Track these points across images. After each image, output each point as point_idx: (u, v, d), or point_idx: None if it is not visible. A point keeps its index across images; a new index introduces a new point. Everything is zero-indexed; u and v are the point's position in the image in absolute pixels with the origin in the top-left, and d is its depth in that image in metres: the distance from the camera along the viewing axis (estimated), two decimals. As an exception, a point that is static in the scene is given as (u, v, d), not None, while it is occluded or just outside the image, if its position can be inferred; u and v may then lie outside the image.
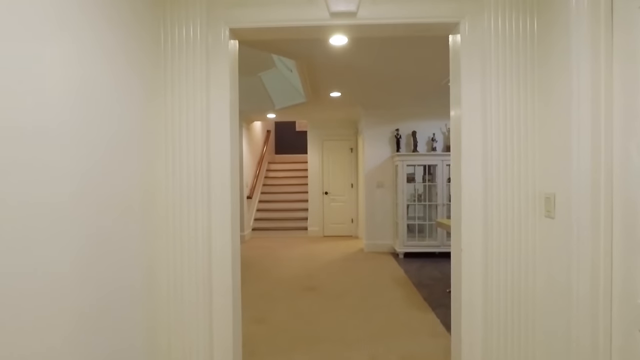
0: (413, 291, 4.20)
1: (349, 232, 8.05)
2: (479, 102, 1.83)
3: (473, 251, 1.87)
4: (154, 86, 1.77)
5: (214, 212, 1.87)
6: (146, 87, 1.69)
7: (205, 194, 1.82)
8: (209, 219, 1.85)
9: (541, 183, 1.76)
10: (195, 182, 1.81)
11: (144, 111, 1.68)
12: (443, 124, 6.29)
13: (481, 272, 1.86)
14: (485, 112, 1.81)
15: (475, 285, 1.86)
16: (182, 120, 1.82)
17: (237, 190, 1.97)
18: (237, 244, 1.99)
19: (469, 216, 1.87)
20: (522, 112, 1.77)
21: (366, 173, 6.46)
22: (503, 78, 1.78)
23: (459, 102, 1.89)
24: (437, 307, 3.70)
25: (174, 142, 1.82)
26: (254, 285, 4.48)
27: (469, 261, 1.88)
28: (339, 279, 4.74)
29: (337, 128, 8.05)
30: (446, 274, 4.87)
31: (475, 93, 1.84)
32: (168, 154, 1.82)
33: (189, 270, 1.82)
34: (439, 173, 5.88)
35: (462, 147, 1.87)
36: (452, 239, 2.03)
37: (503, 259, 1.80)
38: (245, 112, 7.02)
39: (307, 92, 5.30)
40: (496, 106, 1.79)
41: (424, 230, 6.19)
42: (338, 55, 3.84)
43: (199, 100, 1.82)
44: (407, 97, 5.69)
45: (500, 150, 1.79)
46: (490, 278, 1.82)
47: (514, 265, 1.80)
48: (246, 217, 7.61)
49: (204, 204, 1.82)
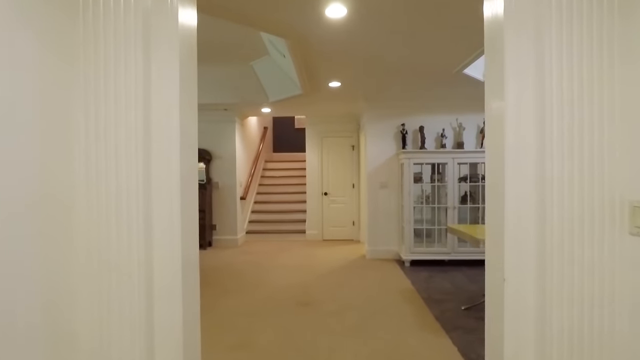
0: (422, 308, 3.65)
1: (350, 235, 7.50)
2: (531, 83, 1.28)
3: (521, 283, 1.32)
4: (65, 52, 1.23)
5: (157, 229, 1.32)
6: (49, 49, 1.15)
7: (141, 207, 1.28)
8: (149, 238, 1.31)
9: (625, 187, 1.21)
10: (128, 185, 1.27)
11: (43, 80, 1.14)
12: (454, 119, 5.73)
13: (534, 314, 1.31)
14: (542, 97, 1.27)
15: (525, 332, 1.32)
16: (110, 100, 1.27)
17: (191, 203, 1.43)
18: (193, 270, 1.45)
19: (515, 234, 1.32)
20: (597, 91, 1.22)
21: (369, 172, 5.91)
22: (568, 49, 1.23)
23: (500, 86, 1.34)
24: (452, 329, 3.15)
25: (98, 127, 1.28)
26: (241, 299, 3.94)
27: (514, 297, 1.33)
28: (338, 291, 4.19)
29: (338, 123, 7.50)
30: (459, 287, 4.32)
31: (525, 72, 1.29)
32: (90, 144, 1.28)
33: (119, 306, 1.28)
34: (449, 172, 5.32)
35: (505, 143, 1.31)
36: (487, 263, 1.49)
37: (567, 295, 1.26)
38: (238, 106, 6.47)
39: (303, 82, 4.75)
40: (558, 87, 1.24)
41: (432, 235, 5.64)
42: (336, 36, 3.29)
43: (133, 78, 1.28)
44: (414, 88, 5.13)
45: (565, 144, 1.24)
46: (548, 322, 1.27)
47: (584, 302, 1.25)
48: (239, 219, 7.07)
49: (140, 218, 1.28)
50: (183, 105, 1.37)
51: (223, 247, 6.76)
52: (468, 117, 5.71)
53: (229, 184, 6.92)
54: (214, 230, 6.90)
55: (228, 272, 5.07)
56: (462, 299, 3.90)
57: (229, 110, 6.68)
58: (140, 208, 1.28)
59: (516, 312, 1.33)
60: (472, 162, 5.44)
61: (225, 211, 6.91)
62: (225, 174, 6.93)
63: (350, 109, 6.72)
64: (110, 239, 1.28)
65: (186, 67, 1.40)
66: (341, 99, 5.88)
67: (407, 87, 5.08)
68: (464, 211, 5.46)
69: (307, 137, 7.61)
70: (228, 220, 6.92)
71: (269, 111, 6.95)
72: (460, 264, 5.34)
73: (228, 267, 5.35)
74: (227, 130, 6.89)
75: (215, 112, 6.71)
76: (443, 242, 5.45)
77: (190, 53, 1.45)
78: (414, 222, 5.40)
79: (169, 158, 1.33)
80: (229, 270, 5.17)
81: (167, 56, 1.32)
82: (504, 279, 1.35)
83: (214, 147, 6.89)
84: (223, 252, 6.36)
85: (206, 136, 6.86)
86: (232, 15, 2.96)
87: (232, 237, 6.92)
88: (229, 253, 6.32)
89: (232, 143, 6.91)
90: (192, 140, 1.47)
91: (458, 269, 5.11)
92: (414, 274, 4.94)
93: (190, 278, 1.42)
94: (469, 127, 5.70)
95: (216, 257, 6.01)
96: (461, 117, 5.71)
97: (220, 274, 4.98)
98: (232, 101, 5.98)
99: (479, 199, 5.42)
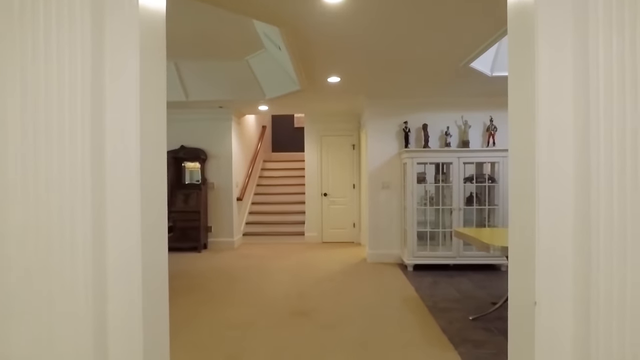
0: (427, 318, 3.39)
1: (350, 238, 7.24)
2: (570, 70, 1.03)
3: (559, 308, 1.07)
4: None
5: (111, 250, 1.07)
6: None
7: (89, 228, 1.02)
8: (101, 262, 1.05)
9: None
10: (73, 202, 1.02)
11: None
12: (459, 116, 5.46)
13: (574, 347, 1.05)
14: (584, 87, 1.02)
15: (563, 369, 1.06)
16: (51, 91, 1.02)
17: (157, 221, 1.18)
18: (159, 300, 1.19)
19: (549, 247, 1.07)
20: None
21: (370, 172, 5.65)
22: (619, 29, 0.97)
23: (530, 76, 1.09)
24: (460, 342, 2.89)
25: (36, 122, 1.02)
26: (232, 309, 3.69)
27: (548, 324, 1.07)
28: (337, 299, 3.94)
29: (338, 122, 7.24)
30: (465, 294, 4.06)
31: (563, 57, 1.04)
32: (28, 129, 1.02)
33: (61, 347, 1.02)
34: (454, 172, 5.06)
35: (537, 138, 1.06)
36: (512, 281, 1.23)
37: (617, 325, 1.00)
38: (234, 103, 6.23)
39: (300, 76, 4.50)
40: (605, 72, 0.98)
41: (436, 238, 5.37)
42: (333, 25, 3.04)
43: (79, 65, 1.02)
44: (418, 83, 4.87)
45: (614, 138, 0.99)
46: (594, 358, 1.01)
47: (638, 333, 0.99)
48: (236, 221, 6.82)
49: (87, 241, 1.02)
50: (145, 99, 1.11)
51: (218, 250, 6.51)
52: (474, 115, 5.45)
53: (225, 184, 6.68)
54: (209, 232, 6.66)
55: (221, 278, 4.82)
56: (469, 307, 3.64)
57: (225, 107, 6.43)
58: (88, 229, 1.02)
59: (551, 344, 1.07)
60: (478, 162, 5.18)
61: (221, 212, 6.66)
62: (221, 174, 6.68)
63: (351, 106, 6.47)
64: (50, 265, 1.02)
65: (150, 55, 1.15)
66: (341, 96, 5.63)
67: (410, 82, 4.82)
68: (470, 213, 5.19)
69: (306, 135, 7.36)
70: (224, 222, 6.67)
71: (267, 109, 6.70)
72: (466, 268, 5.08)
73: (222, 272, 5.10)
74: (222, 129, 6.65)
75: (210, 110, 6.47)
76: (448, 246, 5.19)
77: (155, 40, 1.20)
78: (417, 224, 5.14)
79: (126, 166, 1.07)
80: (223, 276, 4.92)
81: (123, 42, 1.06)
82: (534, 302, 1.10)
83: (209, 146, 6.64)
84: (218, 256, 6.11)
85: (201, 135, 6.62)
86: (221, 1, 2.71)
87: (228, 239, 6.67)
88: (224, 256, 6.07)
89: (229, 142, 6.66)
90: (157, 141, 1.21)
91: (464, 274, 4.85)
92: (417, 279, 4.68)
93: (157, 311, 1.17)
94: (474, 124, 5.44)
95: (210, 261, 5.76)
96: (467, 114, 5.45)
97: (213, 280, 4.73)
98: (227, 98, 5.73)
99: (485, 200, 5.16)
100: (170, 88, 5.55)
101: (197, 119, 6.57)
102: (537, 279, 1.08)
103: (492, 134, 5.31)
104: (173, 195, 6.48)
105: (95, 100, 1.04)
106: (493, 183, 5.12)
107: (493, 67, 4.37)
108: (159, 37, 1.23)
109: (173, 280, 4.71)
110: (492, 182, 5.12)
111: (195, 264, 5.58)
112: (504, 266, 5.07)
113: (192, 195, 6.49)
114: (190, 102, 5.87)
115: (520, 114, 1.17)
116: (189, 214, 6.36)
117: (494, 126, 5.31)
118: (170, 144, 6.61)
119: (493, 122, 5.32)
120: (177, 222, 6.19)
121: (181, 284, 4.56)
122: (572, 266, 1.06)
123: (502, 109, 5.40)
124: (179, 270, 5.20)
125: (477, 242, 3.16)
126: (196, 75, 5.46)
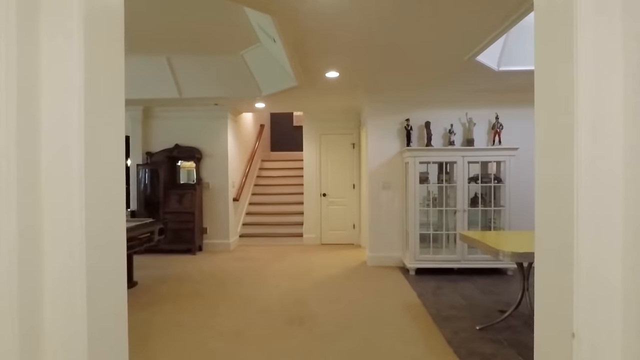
0: (431, 328, 3.17)
1: (350, 239, 7.03)
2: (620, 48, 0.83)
3: (604, 344, 0.86)
4: None
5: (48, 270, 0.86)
6: None
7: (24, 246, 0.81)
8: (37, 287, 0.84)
9: None
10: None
11: None
12: (463, 113, 5.24)
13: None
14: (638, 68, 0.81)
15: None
16: None
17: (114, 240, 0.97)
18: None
19: (592, 265, 0.86)
20: None
21: (370, 172, 5.43)
22: None
23: (566, 55, 0.88)
24: (467, 355, 2.68)
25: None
26: (225, 316, 3.48)
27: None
28: (336, 306, 3.73)
29: (337, 120, 7.02)
30: (470, 301, 3.85)
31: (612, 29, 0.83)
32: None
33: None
34: (458, 172, 4.84)
35: (576, 132, 0.85)
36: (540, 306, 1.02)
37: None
38: (229, 101, 6.02)
39: (297, 71, 4.28)
40: None
41: (439, 240, 5.16)
42: (330, 13, 2.83)
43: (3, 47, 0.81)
44: (420, 78, 4.66)
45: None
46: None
47: None
48: (232, 222, 6.62)
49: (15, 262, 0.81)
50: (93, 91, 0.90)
51: (214, 252, 6.30)
52: (479, 112, 5.22)
53: (221, 184, 6.47)
54: (204, 234, 6.45)
55: (215, 282, 4.61)
56: (475, 315, 3.43)
57: (220, 105, 6.23)
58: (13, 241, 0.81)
59: (594, 388, 0.86)
60: (483, 161, 4.96)
61: (216, 213, 6.46)
62: (216, 174, 6.47)
63: (350, 103, 6.26)
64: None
65: (100, 43, 0.93)
66: (340, 92, 5.41)
67: (412, 77, 4.61)
68: (475, 214, 4.97)
69: (304, 134, 7.15)
70: (219, 223, 6.46)
71: (264, 106, 6.49)
72: (471, 272, 4.86)
73: (216, 276, 4.89)
74: (218, 127, 6.44)
75: (205, 108, 6.26)
76: (451, 249, 4.97)
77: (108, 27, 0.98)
78: (419, 226, 4.92)
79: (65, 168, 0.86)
80: (217, 280, 4.71)
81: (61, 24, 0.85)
82: (572, 334, 0.88)
83: (204, 144, 6.43)
84: (213, 258, 5.90)
85: (195, 133, 6.41)
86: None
87: (223, 241, 6.46)
88: (219, 259, 5.86)
89: (224, 141, 6.45)
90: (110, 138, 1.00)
91: (468, 279, 4.63)
92: (420, 284, 4.46)
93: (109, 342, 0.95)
94: (479, 122, 5.22)
95: (204, 264, 5.55)
96: (471, 111, 5.22)
97: (206, 284, 4.52)
98: (222, 95, 5.52)
99: (491, 201, 4.94)
100: (162, 84, 5.34)
101: (191, 116, 6.36)
102: (576, 306, 0.87)
103: (498, 131, 5.09)
104: (167, 195, 6.27)
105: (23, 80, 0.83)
106: (499, 183, 4.89)
107: (500, 61, 4.15)
108: (115, 25, 1.02)
109: (160, 284, 4.50)
110: (498, 182, 4.90)
111: (186, 267, 5.37)
112: (510, 270, 4.86)
113: (186, 195, 6.27)
114: (184, 99, 5.66)
115: (551, 103, 0.96)
116: (183, 215, 6.15)
117: (500, 124, 5.09)
118: (164, 143, 6.41)
119: (499, 119, 5.10)
120: (170, 224, 5.97)
121: (168, 288, 4.35)
122: (622, 290, 0.85)
123: (509, 105, 5.18)
124: (168, 274, 4.98)
125: (485, 247, 2.95)
126: (189, 70, 5.24)
